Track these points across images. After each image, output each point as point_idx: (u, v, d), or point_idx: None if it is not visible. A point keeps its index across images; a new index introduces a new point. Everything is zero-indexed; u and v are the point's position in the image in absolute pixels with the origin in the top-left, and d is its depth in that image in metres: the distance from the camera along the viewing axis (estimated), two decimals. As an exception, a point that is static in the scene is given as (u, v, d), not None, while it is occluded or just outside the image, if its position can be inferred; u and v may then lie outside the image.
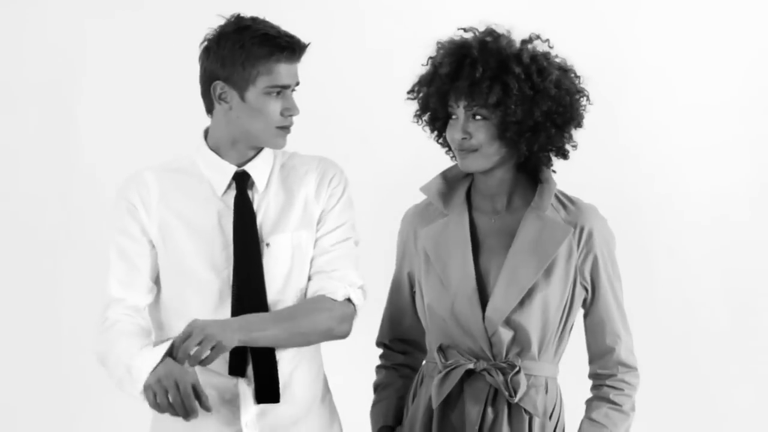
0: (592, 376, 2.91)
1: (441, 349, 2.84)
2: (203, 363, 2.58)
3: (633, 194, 2.82)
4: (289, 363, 2.79)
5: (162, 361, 2.57)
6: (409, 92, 2.87)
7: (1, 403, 4.43)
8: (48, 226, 4.36)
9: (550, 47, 2.81)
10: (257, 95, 2.71)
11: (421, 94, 2.84)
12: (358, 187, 2.93)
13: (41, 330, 4.40)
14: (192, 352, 2.56)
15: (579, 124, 2.82)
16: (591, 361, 2.91)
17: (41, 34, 4.33)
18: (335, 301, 2.75)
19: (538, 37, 2.80)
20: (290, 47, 2.70)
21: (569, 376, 2.97)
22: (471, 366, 2.79)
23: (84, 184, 4.34)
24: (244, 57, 2.68)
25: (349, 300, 2.78)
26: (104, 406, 4.16)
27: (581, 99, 2.81)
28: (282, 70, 2.71)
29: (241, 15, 2.74)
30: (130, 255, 2.77)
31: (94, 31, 4.30)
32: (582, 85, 2.82)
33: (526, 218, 2.82)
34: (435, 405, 2.81)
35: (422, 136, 3.01)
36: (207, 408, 2.56)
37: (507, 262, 2.79)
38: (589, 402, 2.89)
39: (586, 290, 2.85)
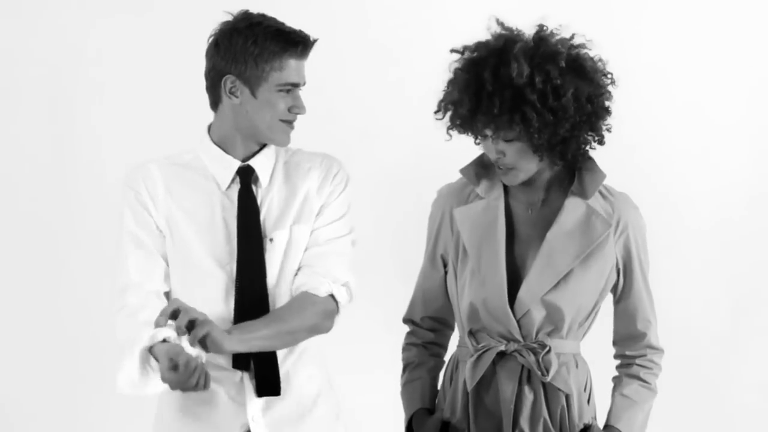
0: (620, 356, 2.96)
1: (471, 333, 2.87)
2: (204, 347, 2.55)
3: (631, 194, 2.83)
4: (293, 359, 2.81)
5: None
6: (435, 112, 2.86)
7: (2, 401, 4.43)
8: (49, 221, 4.36)
9: (567, 46, 2.79)
10: (269, 91, 2.73)
11: (448, 113, 2.83)
12: (359, 183, 2.93)
13: (43, 324, 4.40)
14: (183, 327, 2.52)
15: (608, 114, 2.83)
16: (618, 343, 2.96)
17: (42, 29, 4.32)
18: (317, 296, 2.75)
19: (558, 42, 2.78)
20: (303, 43, 2.73)
21: (589, 353, 2.98)
22: (502, 348, 2.82)
23: (86, 179, 4.34)
24: (257, 52, 2.70)
25: (332, 296, 2.77)
26: (109, 400, 4.15)
27: (605, 92, 2.81)
28: (293, 66, 2.73)
29: (250, 11, 2.74)
30: (145, 242, 2.76)
31: (97, 27, 4.30)
32: (601, 74, 2.81)
33: (568, 204, 2.84)
34: (470, 387, 2.84)
35: (423, 133, 3.01)
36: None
37: (544, 246, 2.82)
38: (618, 379, 2.94)
39: (618, 274, 2.89)
